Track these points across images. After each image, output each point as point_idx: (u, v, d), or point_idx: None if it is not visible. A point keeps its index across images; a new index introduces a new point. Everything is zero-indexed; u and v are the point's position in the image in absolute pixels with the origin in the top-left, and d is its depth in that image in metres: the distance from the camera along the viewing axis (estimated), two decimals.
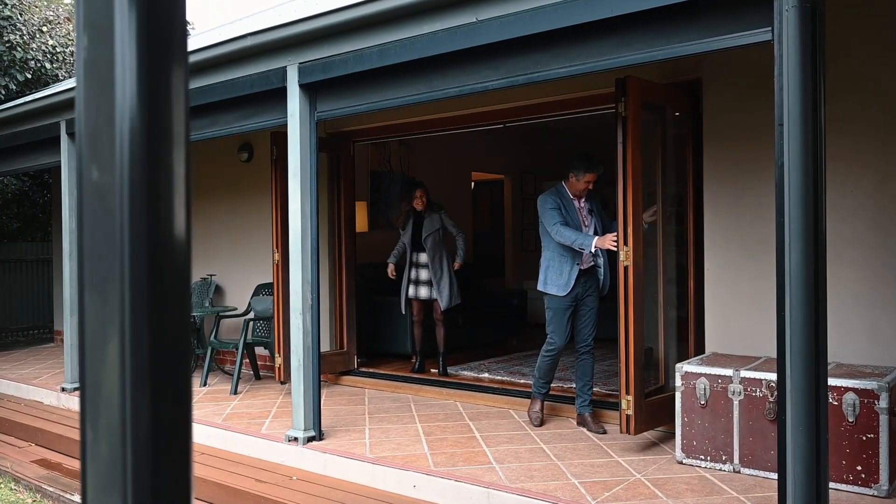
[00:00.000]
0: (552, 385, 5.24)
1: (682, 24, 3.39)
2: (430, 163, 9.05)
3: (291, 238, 4.86)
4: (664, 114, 4.87)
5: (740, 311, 4.59)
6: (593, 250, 4.71)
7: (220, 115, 5.42)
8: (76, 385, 6.70)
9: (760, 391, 3.94)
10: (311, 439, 4.81)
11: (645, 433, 4.54)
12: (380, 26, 4.37)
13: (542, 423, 5.04)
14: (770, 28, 3.07)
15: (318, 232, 4.87)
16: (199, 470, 4.75)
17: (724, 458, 4.06)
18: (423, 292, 6.58)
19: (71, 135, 6.68)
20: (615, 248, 4.41)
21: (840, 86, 4.15)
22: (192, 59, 5.35)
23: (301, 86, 4.78)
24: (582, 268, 4.87)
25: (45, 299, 10.51)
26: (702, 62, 4.70)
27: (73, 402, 6.58)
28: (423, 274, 6.57)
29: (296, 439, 4.81)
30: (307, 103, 4.82)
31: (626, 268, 4.28)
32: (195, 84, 5.45)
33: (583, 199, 4.95)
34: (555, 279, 4.86)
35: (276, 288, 6.28)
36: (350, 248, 6.84)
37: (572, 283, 4.82)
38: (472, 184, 10.90)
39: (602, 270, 4.93)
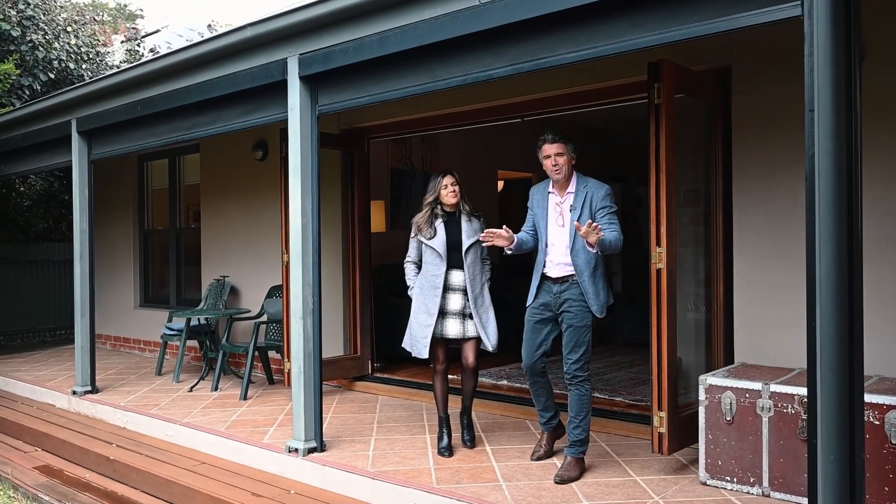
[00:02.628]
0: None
1: (702, 1, 3.05)
2: (455, 160, 8.74)
3: (292, 238, 4.63)
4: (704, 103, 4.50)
5: (772, 317, 4.21)
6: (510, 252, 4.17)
7: (223, 111, 5.22)
8: (87, 388, 6.58)
9: (792, 407, 3.57)
10: (311, 450, 4.56)
11: None
12: (380, 12, 4.11)
13: (539, 459, 4.31)
14: (799, 2, 2.72)
15: (319, 232, 4.63)
16: (195, 481, 4.54)
17: (752, 480, 3.69)
18: (453, 328, 4.53)
19: (82, 133, 6.56)
20: (489, 242, 4.08)
21: (881, 70, 3.76)
22: (194, 52, 5.16)
23: (301, 78, 4.54)
24: (549, 275, 4.14)
25: (72, 299, 10.49)
26: (732, 47, 4.33)
27: (83, 406, 6.45)
28: (455, 301, 4.54)
29: (296, 450, 4.56)
30: (308, 97, 4.58)
31: (658, 271, 3.94)
32: (198, 79, 5.26)
33: (569, 192, 4.14)
34: (532, 287, 4.26)
35: (285, 290, 6.06)
36: (364, 249, 6.59)
37: (534, 291, 4.18)
38: (502, 183, 10.59)
39: (586, 281, 4.02)
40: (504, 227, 4.10)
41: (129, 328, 9.16)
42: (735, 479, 3.74)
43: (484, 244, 4.23)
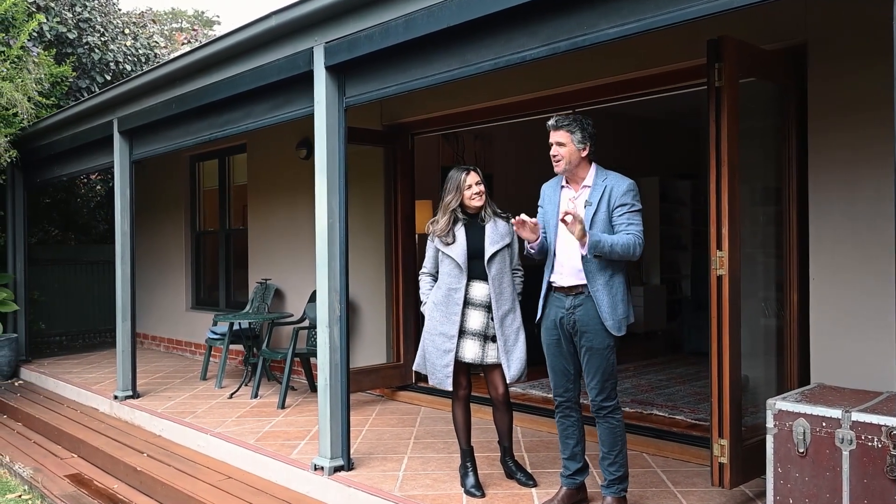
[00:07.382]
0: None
1: None
2: (511, 157, 8.32)
3: (318, 240, 4.32)
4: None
5: (855, 331, 3.65)
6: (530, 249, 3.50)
7: (253, 107, 4.96)
8: (127, 393, 6.46)
9: (879, 441, 3.03)
10: (338, 469, 4.24)
11: None
12: None
13: None
14: None
15: (347, 234, 4.30)
16: (216, 498, 4.27)
17: None
18: (470, 351, 3.82)
19: (123, 133, 6.43)
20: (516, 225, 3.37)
21: None
22: (220, 45, 4.92)
23: (328, 68, 4.23)
24: (558, 284, 3.49)
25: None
26: (807, 21, 3.79)
27: (123, 412, 6.32)
28: (476, 319, 3.83)
29: (321, 468, 4.25)
30: (335, 88, 4.27)
31: (719, 277, 3.45)
32: (225, 74, 5.02)
33: (584, 186, 3.48)
34: (540, 298, 3.61)
35: None
36: (408, 252, 6.25)
37: (542, 303, 3.56)
38: None
39: (599, 289, 3.36)
40: (535, 219, 3.46)
41: (181, 330, 9.08)
42: None
43: (511, 222, 3.47)
